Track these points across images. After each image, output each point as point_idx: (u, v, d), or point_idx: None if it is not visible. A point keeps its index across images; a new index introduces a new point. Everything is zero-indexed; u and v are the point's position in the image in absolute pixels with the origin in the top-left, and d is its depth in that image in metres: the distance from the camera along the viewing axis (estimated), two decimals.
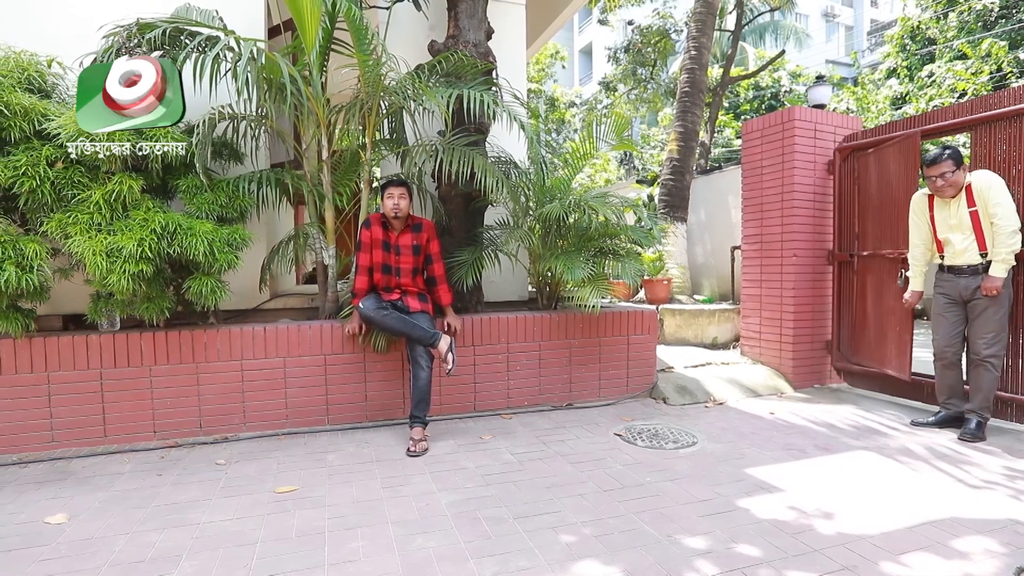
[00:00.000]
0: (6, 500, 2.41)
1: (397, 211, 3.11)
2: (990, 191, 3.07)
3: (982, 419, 3.21)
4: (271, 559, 1.93)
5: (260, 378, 3.24)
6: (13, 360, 2.88)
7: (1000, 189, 3.07)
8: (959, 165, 3.14)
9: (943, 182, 3.15)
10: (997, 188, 3.07)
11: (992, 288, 3.06)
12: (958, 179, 3.14)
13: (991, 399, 3.21)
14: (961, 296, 3.24)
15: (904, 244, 3.62)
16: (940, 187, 3.17)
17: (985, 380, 3.18)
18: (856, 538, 2.07)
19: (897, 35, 13.71)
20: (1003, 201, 3.05)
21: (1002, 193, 3.07)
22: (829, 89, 6.57)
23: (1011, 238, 3.02)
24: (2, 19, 3.26)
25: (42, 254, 2.63)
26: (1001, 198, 3.06)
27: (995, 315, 3.14)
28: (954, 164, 3.14)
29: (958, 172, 3.14)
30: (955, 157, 3.13)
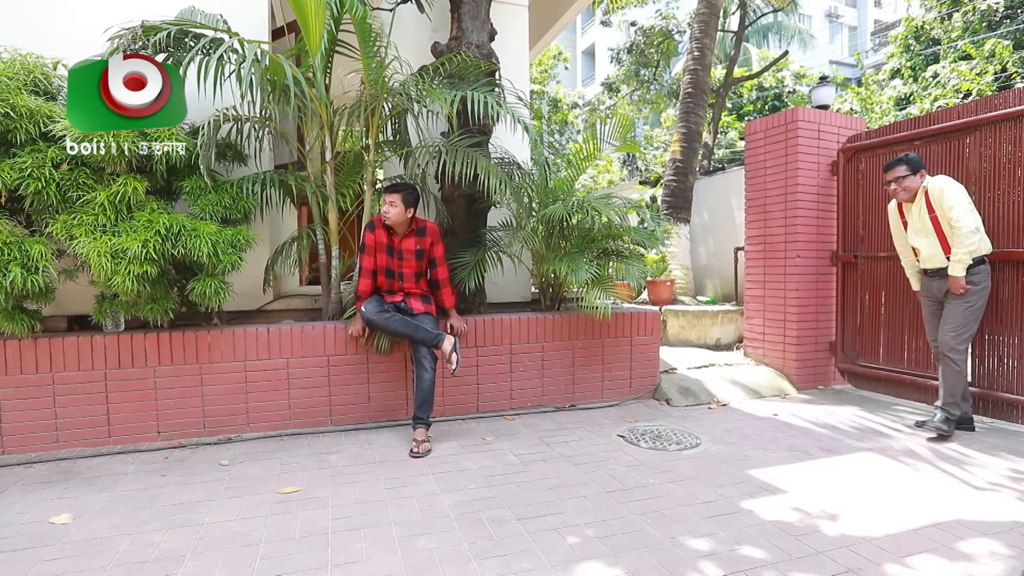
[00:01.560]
0: (12, 500, 2.42)
1: (386, 218, 3.10)
2: (943, 194, 3.13)
3: (948, 415, 3.22)
4: (275, 559, 1.93)
5: (264, 379, 3.25)
6: (19, 360, 2.90)
7: (952, 191, 3.13)
8: (915, 171, 3.25)
9: (896, 186, 3.28)
10: (949, 191, 3.13)
11: (957, 287, 3.12)
12: (912, 184, 3.25)
13: (958, 395, 3.21)
14: (937, 297, 3.35)
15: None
16: (895, 191, 3.31)
17: (947, 375, 3.22)
18: (860, 540, 2.06)
19: (901, 35, 13.68)
20: (957, 203, 3.09)
21: (955, 195, 3.12)
22: (833, 90, 6.55)
23: (968, 238, 3.06)
24: (8, 22, 3.28)
25: (47, 255, 2.65)
26: (954, 200, 3.10)
27: (958, 309, 3.17)
28: (908, 169, 3.25)
29: (912, 177, 3.25)
30: (909, 162, 3.25)
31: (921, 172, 3.26)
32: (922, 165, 3.28)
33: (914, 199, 3.29)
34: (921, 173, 3.26)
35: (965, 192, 3.18)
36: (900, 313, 4.03)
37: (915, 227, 3.34)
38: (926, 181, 3.23)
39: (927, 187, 3.21)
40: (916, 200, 3.28)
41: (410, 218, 3.16)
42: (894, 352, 4.09)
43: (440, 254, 3.31)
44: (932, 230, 3.23)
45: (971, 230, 3.07)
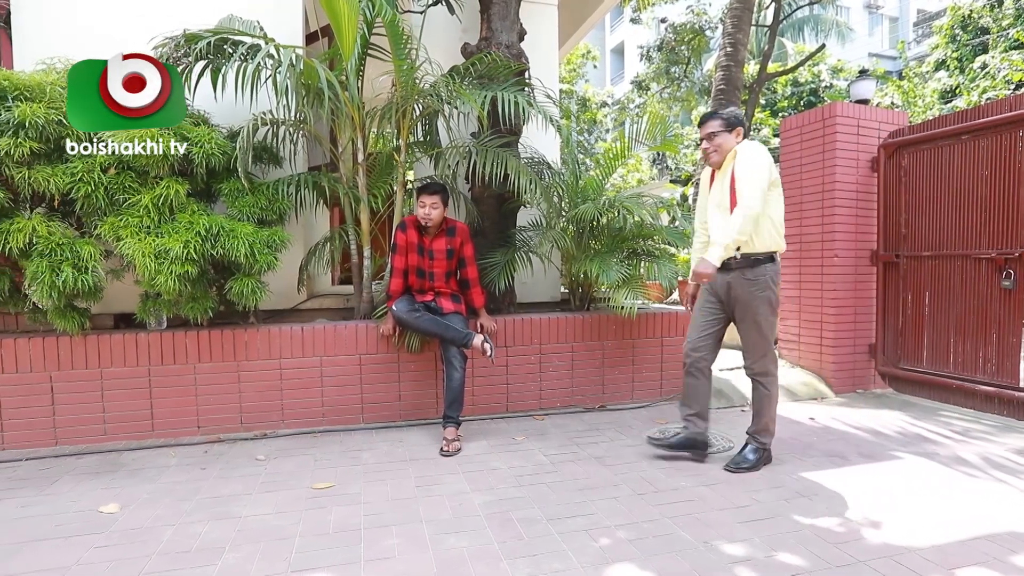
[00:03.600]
0: (65, 489, 2.54)
1: (428, 221, 3.13)
2: (741, 161, 2.57)
3: (758, 445, 2.77)
4: (309, 553, 1.98)
5: (298, 377, 3.32)
6: (70, 356, 3.04)
7: (752, 160, 2.54)
8: (730, 128, 2.66)
9: (708, 144, 2.69)
10: (749, 159, 2.55)
11: (700, 274, 2.52)
12: (726, 143, 2.65)
13: (769, 426, 2.75)
14: (719, 295, 2.74)
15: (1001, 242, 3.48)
16: (706, 151, 2.71)
17: (756, 399, 2.78)
18: (904, 550, 1.98)
19: (947, 25, 13.14)
20: (751, 176, 2.52)
21: (753, 167, 2.53)
22: (873, 83, 6.33)
23: (745, 224, 2.48)
24: (59, 35, 3.44)
25: (96, 256, 2.76)
26: (749, 173, 2.53)
27: (753, 322, 2.66)
28: (723, 125, 2.65)
29: (726, 136, 2.65)
30: (725, 118, 2.68)
31: (738, 131, 2.66)
32: (741, 123, 2.68)
33: (722, 164, 2.69)
34: (738, 132, 2.66)
35: (773, 170, 2.58)
36: (946, 315, 3.87)
37: (715, 199, 2.71)
38: (740, 145, 2.63)
39: (738, 151, 2.61)
40: (725, 166, 2.67)
41: (443, 216, 3.20)
42: (939, 355, 3.92)
43: (470, 254, 3.33)
44: (728, 207, 2.61)
45: (753, 215, 2.47)
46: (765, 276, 2.61)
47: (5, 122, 2.64)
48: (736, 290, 2.66)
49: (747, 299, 2.63)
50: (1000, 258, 3.52)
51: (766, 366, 2.72)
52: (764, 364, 2.72)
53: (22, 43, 3.46)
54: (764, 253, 2.62)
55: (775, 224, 2.63)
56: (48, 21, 3.48)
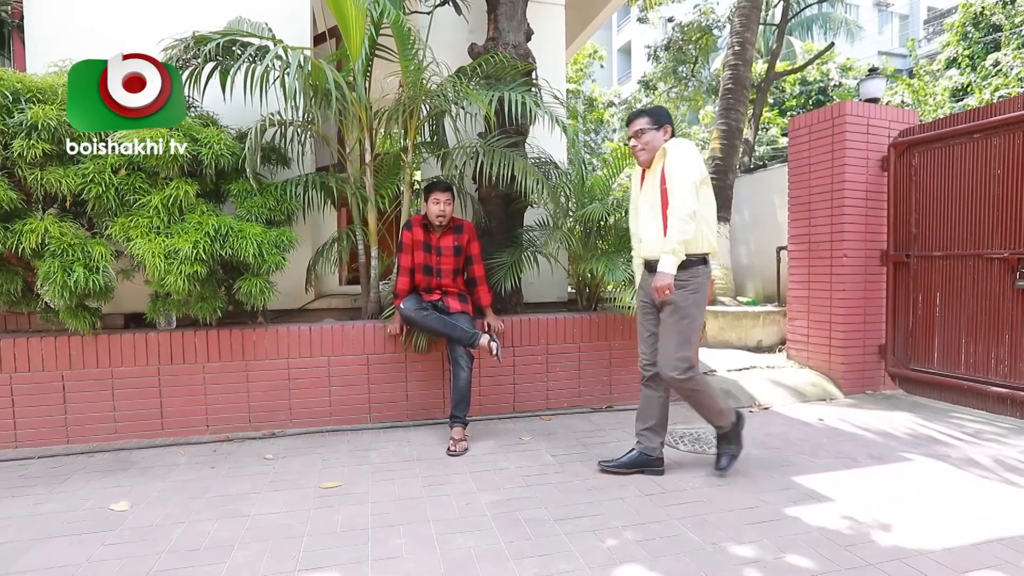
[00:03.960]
0: (77, 487, 2.56)
1: (443, 218, 3.15)
2: (671, 159, 2.46)
3: (721, 432, 2.69)
4: (317, 552, 1.99)
5: (305, 376, 3.34)
6: (81, 355, 3.07)
7: (681, 158, 2.44)
8: (658, 125, 2.55)
9: (636, 143, 2.58)
10: (678, 157, 2.45)
11: (662, 288, 2.40)
12: (654, 141, 2.54)
13: (714, 418, 2.64)
14: (651, 297, 2.61)
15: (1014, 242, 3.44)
16: (634, 149, 2.61)
17: (693, 404, 2.63)
18: (915, 553, 1.97)
19: (958, 22, 12.98)
20: (681, 174, 2.41)
21: (682, 164, 2.43)
22: (883, 82, 6.27)
23: (685, 222, 2.38)
24: (72, 38, 3.48)
25: (107, 256, 2.79)
26: (678, 170, 2.42)
27: (671, 326, 2.51)
28: (651, 122, 2.55)
29: (654, 133, 2.55)
30: (653, 115, 2.58)
31: (666, 128, 2.56)
32: (669, 120, 2.58)
33: (651, 164, 2.59)
34: (666, 130, 2.56)
35: (702, 168, 2.49)
36: (957, 315, 3.83)
37: (647, 199, 2.62)
38: (669, 143, 2.52)
39: (667, 149, 2.50)
40: (654, 165, 2.58)
41: (451, 214, 3.23)
42: (950, 356, 3.89)
43: (477, 251, 3.34)
44: (660, 207, 2.50)
45: (688, 213, 2.37)
46: (697, 278, 2.50)
47: (18, 124, 2.67)
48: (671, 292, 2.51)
49: (677, 300, 2.48)
50: (1013, 258, 3.48)
51: (684, 372, 2.50)
52: (683, 371, 2.50)
53: (34, 46, 3.50)
54: (696, 255, 2.50)
55: (708, 224, 2.52)
56: (60, 24, 3.52)
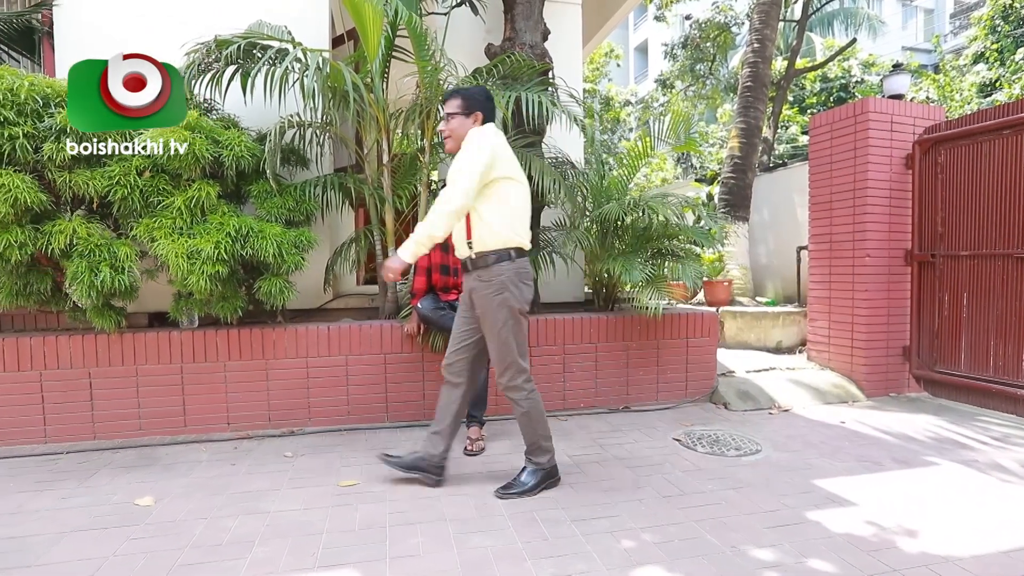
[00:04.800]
0: (103, 482, 2.62)
1: None
2: (463, 149, 2.28)
3: (535, 466, 2.49)
4: (336, 550, 2.01)
5: (324, 375, 3.37)
6: (107, 354, 3.14)
7: (472, 149, 2.24)
8: (468, 111, 2.35)
9: (444, 127, 2.41)
10: (470, 147, 2.26)
11: (388, 269, 2.29)
12: (460, 128, 2.35)
13: (539, 442, 2.46)
14: (468, 300, 2.46)
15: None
16: (442, 134, 2.44)
17: (517, 416, 2.47)
18: (942, 560, 1.92)
19: (986, 16, 12.66)
20: (466, 167, 2.22)
21: (471, 156, 2.23)
22: (907, 78, 6.15)
23: (441, 218, 2.21)
24: (100, 42, 3.56)
25: (132, 256, 2.85)
26: (465, 163, 2.23)
27: (487, 332, 2.38)
28: (462, 106, 2.35)
29: (462, 119, 2.35)
30: (468, 98, 2.36)
31: (476, 116, 2.35)
32: (482, 107, 2.36)
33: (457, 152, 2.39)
34: (476, 117, 2.35)
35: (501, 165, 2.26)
36: (985, 316, 3.73)
37: None
38: (473, 130, 2.34)
39: (469, 137, 2.33)
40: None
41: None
42: (978, 358, 3.79)
43: None
44: None
45: (453, 209, 2.20)
46: (501, 276, 2.31)
47: (48, 128, 2.74)
48: (475, 294, 2.39)
49: (484, 304, 2.35)
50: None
51: (513, 380, 2.39)
52: (510, 378, 2.39)
53: (63, 51, 3.58)
54: (496, 250, 2.31)
55: (516, 216, 2.34)
56: (89, 30, 3.60)
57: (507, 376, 2.40)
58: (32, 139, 2.73)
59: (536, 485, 2.47)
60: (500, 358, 2.39)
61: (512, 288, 2.32)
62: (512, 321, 2.35)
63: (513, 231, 2.33)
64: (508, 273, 2.32)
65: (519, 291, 2.35)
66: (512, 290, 2.33)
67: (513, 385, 2.40)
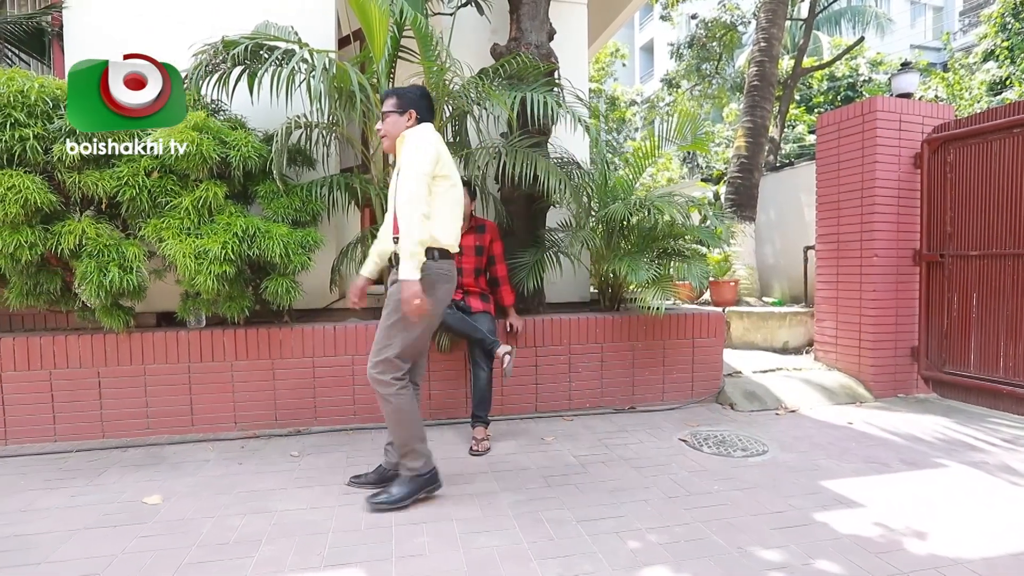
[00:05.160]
0: (112, 480, 2.64)
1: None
2: (404, 149, 2.22)
3: (407, 474, 2.34)
4: (342, 549, 2.01)
5: (330, 375, 3.39)
6: (116, 353, 3.16)
7: (413, 147, 2.19)
8: (403, 110, 2.30)
9: (380, 126, 2.37)
10: (410, 146, 2.20)
11: (408, 299, 2.10)
12: (394, 127, 2.30)
13: (411, 444, 2.31)
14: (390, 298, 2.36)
15: None
16: (379, 132, 2.40)
17: (383, 411, 2.32)
18: (952, 562, 1.91)
19: (996, 13, 12.54)
20: (410, 166, 2.15)
21: (413, 155, 2.17)
22: (916, 76, 6.10)
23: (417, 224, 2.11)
24: (109, 45, 3.58)
25: (140, 256, 2.87)
26: (408, 162, 2.16)
27: (381, 323, 2.30)
28: (397, 105, 2.30)
29: (398, 118, 2.30)
30: (403, 97, 2.31)
31: (411, 114, 2.31)
32: (417, 105, 2.32)
33: (395, 151, 2.37)
34: (410, 115, 2.31)
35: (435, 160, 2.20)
36: (995, 316, 3.70)
37: (391, 193, 2.39)
38: (408, 131, 2.28)
39: (405, 137, 2.27)
40: (398, 154, 2.34)
41: (471, 213, 3.23)
42: (988, 359, 3.75)
43: (499, 251, 3.36)
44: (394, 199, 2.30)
45: (422, 212, 2.12)
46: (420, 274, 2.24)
47: (58, 129, 2.76)
48: (392, 287, 2.31)
49: (393, 296, 2.26)
50: None
51: (383, 374, 2.27)
52: (381, 370, 2.27)
53: (72, 53, 3.61)
54: None
55: (442, 217, 2.27)
56: (97, 32, 3.63)
57: (378, 369, 2.28)
58: (42, 140, 2.75)
59: (410, 494, 2.32)
60: (378, 348, 2.28)
61: (428, 288, 2.21)
62: (404, 321, 2.23)
63: (438, 231, 2.26)
64: (427, 272, 2.22)
65: (434, 292, 2.26)
66: (427, 290, 2.21)
67: (380, 379, 2.27)
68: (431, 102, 2.43)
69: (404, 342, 2.27)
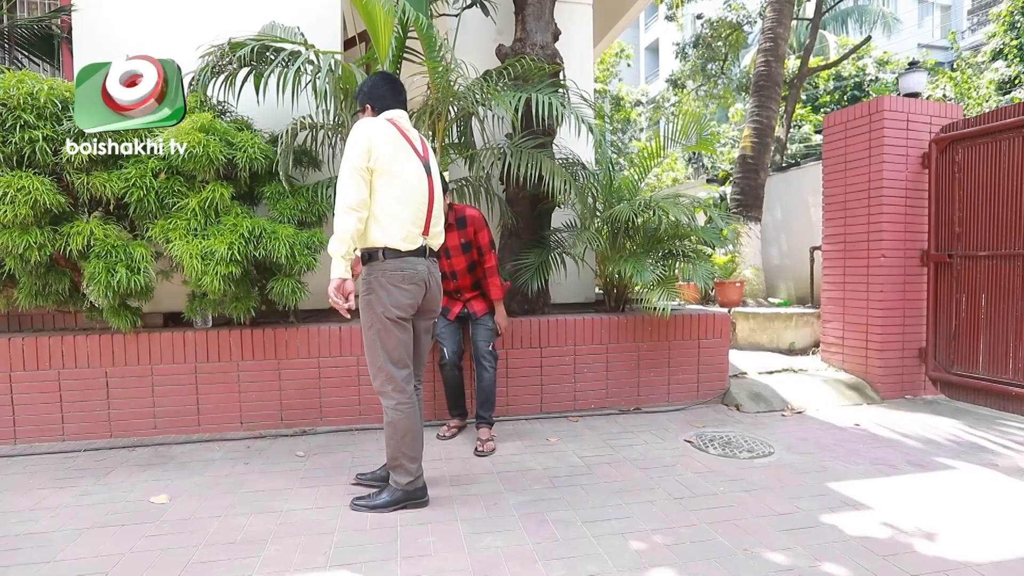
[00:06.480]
0: (119, 480, 2.66)
1: None
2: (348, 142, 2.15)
3: (393, 485, 2.33)
4: (347, 548, 2.02)
5: (336, 375, 3.39)
6: (123, 353, 3.18)
7: (349, 143, 2.11)
8: (362, 107, 2.30)
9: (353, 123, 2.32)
10: (350, 140, 2.12)
11: (330, 292, 2.10)
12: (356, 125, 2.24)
13: (399, 460, 2.28)
14: None
15: None
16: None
17: (384, 424, 2.32)
18: (961, 565, 1.89)
19: (1005, 12, 12.45)
20: (344, 163, 2.09)
21: (347, 151, 2.10)
22: (924, 76, 6.06)
23: (341, 217, 2.06)
24: (117, 46, 3.61)
25: (148, 257, 2.89)
26: (344, 159, 2.10)
27: (363, 332, 2.27)
28: (359, 103, 2.31)
29: (361, 115, 2.29)
30: (358, 93, 2.31)
31: (367, 108, 2.27)
32: (367, 99, 2.27)
33: None
34: (367, 109, 2.27)
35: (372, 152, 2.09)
36: (1004, 317, 3.66)
37: None
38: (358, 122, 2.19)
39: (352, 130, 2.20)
40: None
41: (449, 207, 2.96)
42: (997, 360, 3.72)
43: (485, 241, 3.10)
44: None
45: (347, 205, 2.05)
46: (370, 276, 2.22)
47: (66, 131, 2.79)
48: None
49: (360, 302, 2.24)
50: None
51: (383, 386, 2.26)
52: (381, 383, 2.26)
53: (81, 56, 3.64)
54: (368, 248, 2.21)
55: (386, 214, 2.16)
56: (105, 35, 3.66)
57: (378, 381, 2.27)
58: (51, 142, 2.78)
59: (391, 504, 2.30)
60: (370, 361, 2.28)
61: (379, 290, 2.18)
62: (379, 326, 2.21)
63: (381, 230, 2.17)
64: (376, 273, 2.19)
65: (388, 294, 2.19)
66: (379, 292, 2.18)
67: (382, 391, 2.27)
68: (392, 85, 2.33)
69: (385, 348, 2.23)
